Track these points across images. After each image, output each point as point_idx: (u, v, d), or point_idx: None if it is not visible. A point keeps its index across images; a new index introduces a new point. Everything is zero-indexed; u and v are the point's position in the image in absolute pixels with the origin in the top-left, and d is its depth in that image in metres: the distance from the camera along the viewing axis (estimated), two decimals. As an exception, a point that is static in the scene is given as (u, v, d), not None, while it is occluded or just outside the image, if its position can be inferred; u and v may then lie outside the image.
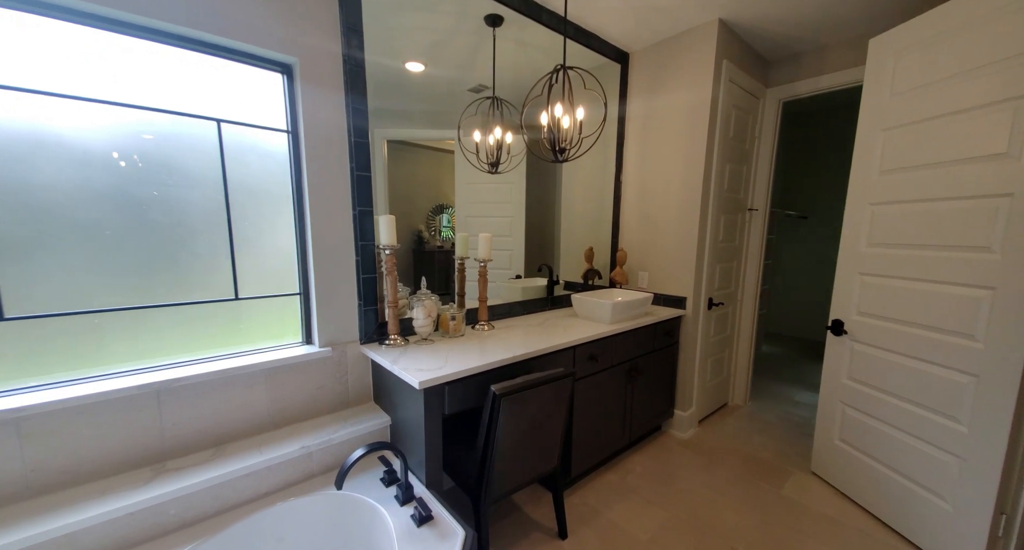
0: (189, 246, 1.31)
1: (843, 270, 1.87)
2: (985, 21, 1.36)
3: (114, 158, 1.18)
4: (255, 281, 1.45)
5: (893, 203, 1.65)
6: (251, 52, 1.32)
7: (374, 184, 1.61)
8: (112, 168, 1.17)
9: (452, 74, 1.91)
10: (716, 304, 2.50)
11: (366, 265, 1.61)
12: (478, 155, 2.06)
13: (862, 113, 1.77)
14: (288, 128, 1.45)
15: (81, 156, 1.13)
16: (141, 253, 1.23)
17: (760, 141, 2.62)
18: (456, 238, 1.96)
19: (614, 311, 2.01)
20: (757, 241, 2.73)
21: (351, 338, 1.61)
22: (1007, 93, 1.31)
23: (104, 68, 1.15)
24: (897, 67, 1.63)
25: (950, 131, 1.46)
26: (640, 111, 2.47)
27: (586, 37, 2.21)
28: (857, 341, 1.81)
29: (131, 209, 1.21)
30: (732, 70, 2.21)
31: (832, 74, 2.29)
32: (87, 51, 1.12)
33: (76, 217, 1.13)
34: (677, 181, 2.31)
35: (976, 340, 1.39)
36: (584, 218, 2.62)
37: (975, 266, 1.39)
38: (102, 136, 1.15)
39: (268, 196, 1.45)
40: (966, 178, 1.41)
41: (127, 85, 1.18)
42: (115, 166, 1.18)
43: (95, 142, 1.15)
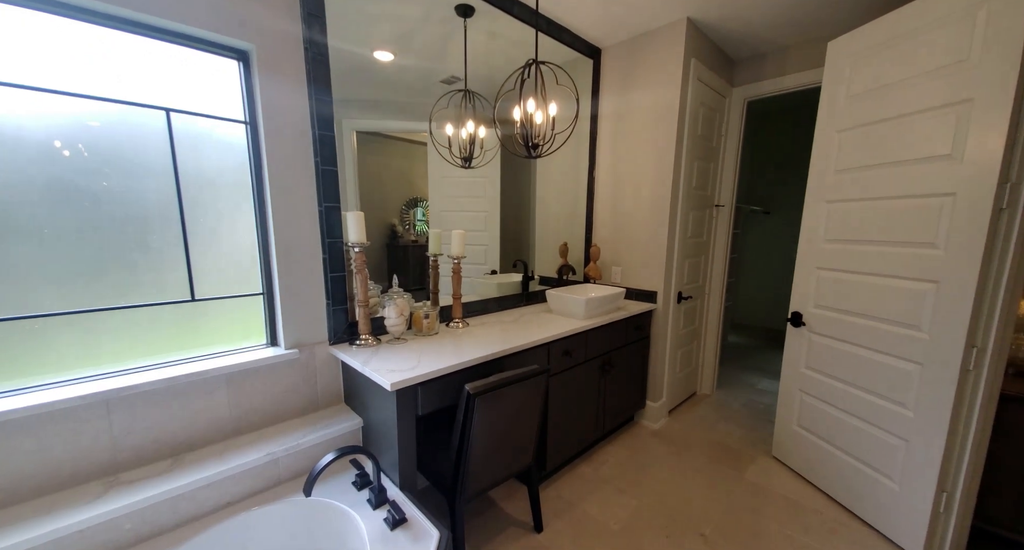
0: (141, 243, 1.23)
1: (802, 265, 1.95)
2: (930, 28, 1.44)
3: (56, 147, 1.08)
4: (215, 280, 1.38)
5: (848, 201, 1.73)
6: (203, 37, 1.23)
7: (342, 178, 1.55)
8: (54, 158, 1.08)
9: (423, 64, 1.86)
10: (685, 298, 2.57)
11: (334, 263, 1.55)
12: (451, 149, 2.02)
13: (820, 114, 1.84)
14: (246, 119, 1.37)
15: (15, 145, 1.02)
16: (88, 251, 1.14)
17: (726, 139, 2.69)
18: (429, 235, 1.92)
19: (587, 307, 2.03)
20: (723, 236, 2.82)
21: (320, 339, 1.56)
22: (950, 98, 1.38)
23: (39, 51, 1.04)
24: (853, 70, 1.70)
25: (900, 133, 1.54)
26: (612, 108, 2.48)
27: (558, 31, 2.20)
28: (815, 332, 1.90)
29: (76, 203, 1.12)
30: (700, 68, 2.25)
31: (794, 75, 2.37)
32: (19, 33, 1.02)
33: (11, 212, 1.03)
34: (648, 178, 2.35)
35: (921, 331, 1.49)
36: (558, 213, 2.63)
37: (921, 261, 1.48)
38: (42, 124, 1.05)
39: (227, 189, 1.37)
40: (914, 178, 1.50)
41: (67, 70, 1.08)
42: (58, 156, 1.08)
43: (33, 130, 1.04)
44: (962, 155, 1.36)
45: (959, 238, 1.37)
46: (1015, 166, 1.29)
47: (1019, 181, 1.29)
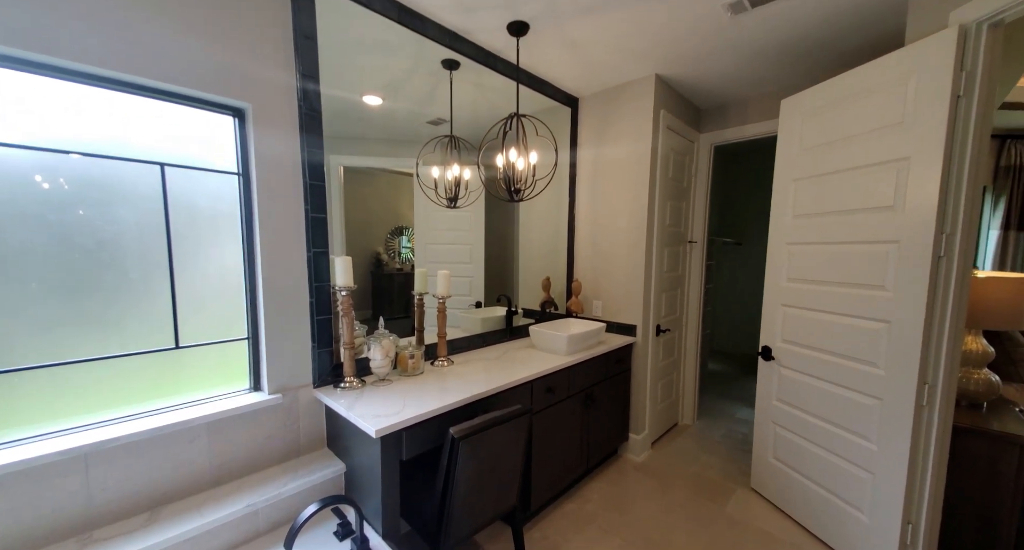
0: (124, 290, 1.24)
1: (768, 301, 2.07)
2: (868, 94, 1.61)
3: (36, 180, 1.08)
4: (199, 326, 1.39)
5: (807, 244, 1.87)
6: (202, 97, 1.29)
7: (329, 210, 1.58)
8: (32, 192, 1.07)
9: (411, 107, 1.95)
10: (663, 330, 2.66)
11: (320, 306, 1.58)
12: (436, 190, 2.10)
13: (777, 164, 2.00)
14: (239, 170, 1.42)
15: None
16: (67, 296, 1.15)
17: (696, 180, 2.87)
18: (415, 274, 1.97)
19: (569, 343, 2.09)
20: (697, 269, 2.95)
21: (303, 382, 1.56)
22: (889, 156, 1.54)
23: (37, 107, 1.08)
24: (804, 126, 1.87)
25: (848, 185, 1.69)
26: (590, 154, 2.63)
27: (539, 83, 2.35)
28: (783, 366, 2.00)
29: (62, 249, 1.13)
30: (669, 118, 2.42)
31: (754, 124, 2.57)
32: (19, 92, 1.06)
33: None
34: (625, 218, 2.47)
35: (878, 367, 1.59)
36: (541, 249, 2.71)
37: (873, 302, 1.60)
38: (22, 154, 1.06)
39: (215, 235, 1.40)
40: (862, 225, 1.64)
41: (59, 124, 1.12)
42: (36, 189, 1.08)
43: (11, 161, 1.04)
44: (903, 207, 1.51)
45: (905, 282, 1.50)
46: (949, 218, 1.43)
47: (953, 232, 1.42)
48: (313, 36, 1.45)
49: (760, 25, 1.78)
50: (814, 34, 1.86)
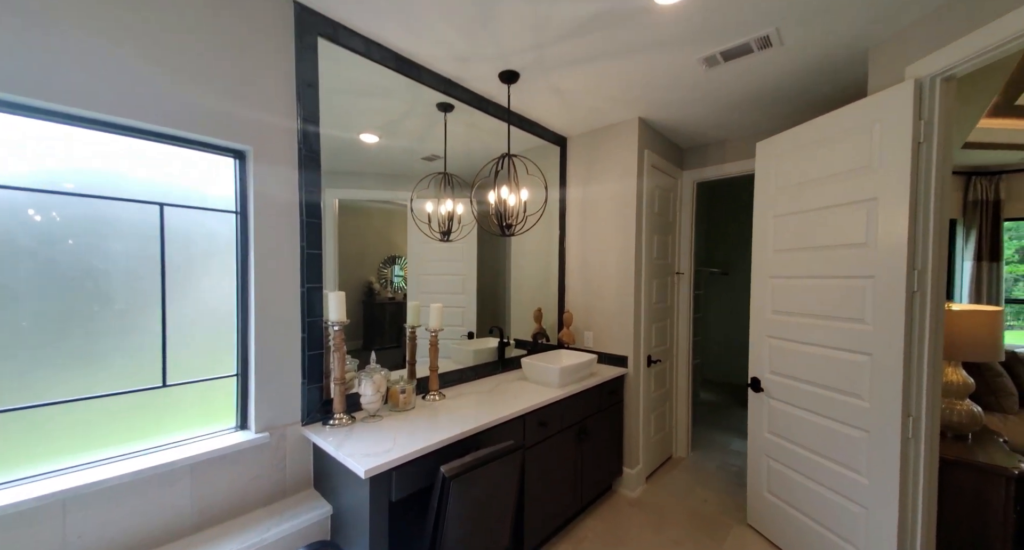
0: (111, 324, 1.23)
1: (754, 333, 2.11)
2: (836, 139, 1.72)
3: (29, 214, 1.09)
4: (186, 362, 1.37)
5: (788, 278, 1.93)
6: (204, 141, 1.34)
7: (323, 245, 1.61)
8: (25, 226, 1.08)
9: (406, 145, 2.02)
10: (654, 361, 2.68)
11: (312, 341, 1.58)
12: (430, 224, 2.15)
13: (756, 201, 2.10)
14: (237, 209, 1.45)
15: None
16: (52, 332, 1.13)
17: (681, 214, 2.98)
18: (408, 307, 1.98)
19: (561, 376, 2.09)
20: (686, 300, 3.01)
21: (292, 419, 1.54)
22: (859, 196, 1.63)
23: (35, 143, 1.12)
24: (779, 167, 1.98)
25: (824, 222, 1.77)
26: (579, 190, 2.73)
27: (529, 125, 2.47)
28: (773, 398, 2.02)
29: (46, 279, 1.12)
30: (653, 157, 2.54)
31: (733, 163, 2.71)
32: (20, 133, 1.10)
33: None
34: (613, 251, 2.54)
35: (863, 399, 1.62)
36: (533, 281, 2.75)
37: (855, 335, 1.65)
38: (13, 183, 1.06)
39: (206, 268, 1.41)
40: (839, 261, 1.71)
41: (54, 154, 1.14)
42: (29, 223, 1.08)
43: (5, 195, 1.05)
44: (875, 244, 1.58)
45: (883, 315, 1.55)
46: (919, 255, 1.50)
47: (924, 268, 1.50)
48: (315, 84, 1.52)
49: (733, 77, 1.92)
50: (783, 85, 2.01)
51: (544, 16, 1.51)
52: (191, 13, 1.27)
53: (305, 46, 1.49)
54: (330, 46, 1.57)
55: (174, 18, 1.24)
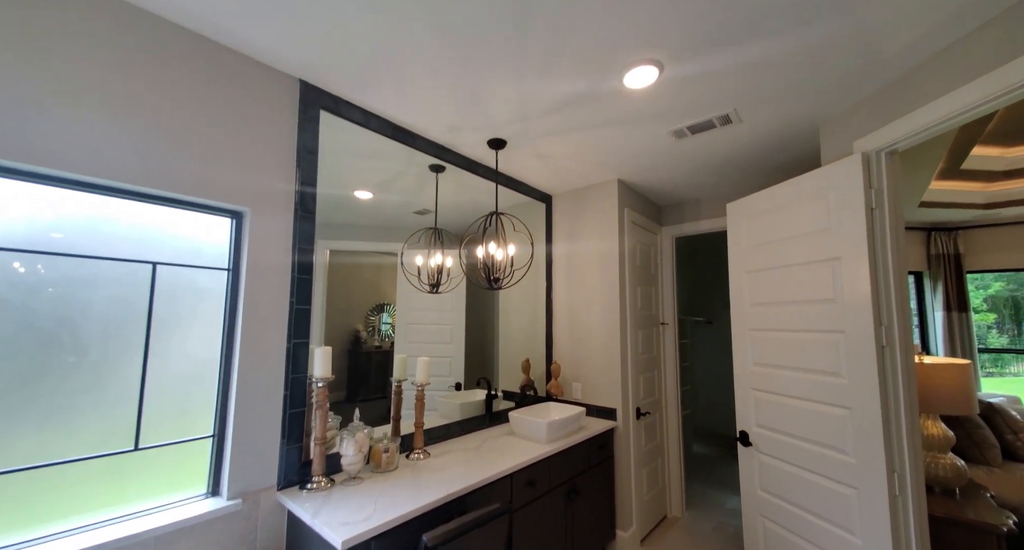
0: (84, 379, 1.20)
1: (739, 385, 2.13)
2: (797, 203, 1.87)
3: (14, 267, 1.09)
4: (161, 421, 1.33)
5: (766, 330, 2.00)
6: (203, 203, 1.40)
7: (312, 298, 1.62)
8: (7, 276, 1.07)
9: (399, 200, 2.10)
10: (644, 413, 2.65)
11: (295, 399, 1.55)
12: (419, 277, 2.20)
13: (730, 257, 2.22)
14: (229, 266, 1.48)
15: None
16: (20, 389, 1.11)
17: (662, 266, 3.09)
18: (395, 361, 1.97)
19: (549, 431, 2.05)
20: (672, 350, 3.04)
21: (267, 483, 1.47)
22: (823, 255, 1.74)
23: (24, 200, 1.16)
24: (749, 226, 2.12)
25: (794, 278, 1.87)
26: (564, 244, 2.86)
27: (515, 184, 2.62)
28: (762, 453, 2.00)
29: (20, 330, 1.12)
30: (633, 214, 2.69)
31: (707, 220, 2.88)
32: (27, 204, 1.14)
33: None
34: (599, 303, 2.61)
35: (848, 455, 1.62)
36: (521, 332, 2.77)
37: (833, 388, 1.68)
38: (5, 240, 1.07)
39: (189, 324, 1.41)
40: (812, 315, 1.79)
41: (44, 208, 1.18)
42: (13, 274, 1.08)
43: None
44: (843, 300, 1.67)
45: (857, 369, 1.60)
46: (884, 311, 1.59)
47: (891, 324, 1.57)
48: (315, 150, 1.63)
49: (701, 147, 2.11)
50: (745, 154, 2.21)
51: (528, 96, 1.67)
52: (198, 89, 1.37)
53: (308, 118, 1.61)
54: (331, 117, 1.70)
55: (183, 94, 1.34)
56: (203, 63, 1.38)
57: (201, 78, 1.37)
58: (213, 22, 1.32)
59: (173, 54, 1.32)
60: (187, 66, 1.34)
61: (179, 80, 1.33)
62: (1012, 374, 4.60)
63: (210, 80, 1.39)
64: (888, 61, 1.48)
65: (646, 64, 1.46)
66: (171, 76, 1.31)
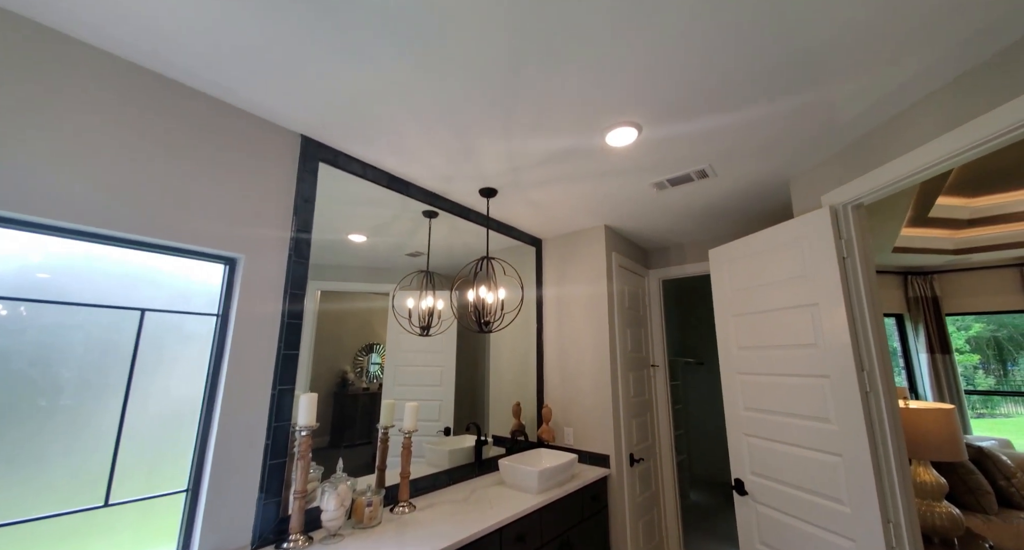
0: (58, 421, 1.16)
1: (731, 431, 2.11)
2: (774, 251, 1.95)
3: None
4: (134, 473, 1.27)
5: (755, 374, 2.01)
6: (197, 250, 1.43)
7: (301, 342, 1.61)
8: None
9: (392, 242, 2.13)
10: (637, 460, 2.59)
11: (276, 449, 1.50)
12: (410, 319, 2.20)
13: (715, 301, 2.27)
14: (219, 312, 1.49)
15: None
16: None
17: (651, 309, 3.14)
18: (382, 406, 1.93)
19: (541, 479, 1.99)
20: (664, 392, 3.02)
21: (241, 542, 1.39)
22: (802, 301, 1.81)
23: (36, 267, 1.17)
24: (731, 271, 2.19)
25: (776, 322, 1.92)
26: (554, 287, 2.91)
27: (506, 228, 2.70)
28: (759, 502, 1.95)
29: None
30: (620, 258, 2.78)
31: (692, 264, 2.98)
32: (24, 252, 1.16)
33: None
34: (589, 345, 2.62)
35: (844, 504, 1.60)
36: (511, 375, 2.74)
37: (823, 434, 1.68)
38: None
39: (173, 368, 1.39)
40: (796, 359, 1.82)
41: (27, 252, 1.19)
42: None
43: None
44: (824, 344, 1.71)
45: (844, 415, 1.61)
46: (864, 356, 1.62)
47: (872, 369, 1.61)
48: (312, 200, 1.69)
49: (681, 197, 2.24)
50: (723, 204, 2.35)
51: (517, 150, 1.78)
52: (200, 143, 1.44)
53: (307, 170, 1.69)
54: (330, 168, 1.78)
55: (184, 148, 1.40)
56: (207, 119, 1.45)
57: (204, 133, 1.44)
58: (223, 85, 1.41)
59: (177, 110, 1.39)
60: (191, 122, 1.42)
61: (181, 135, 1.39)
62: (1003, 415, 4.61)
63: (213, 135, 1.47)
64: (845, 126, 1.62)
65: (626, 125, 1.58)
66: (173, 131, 1.37)
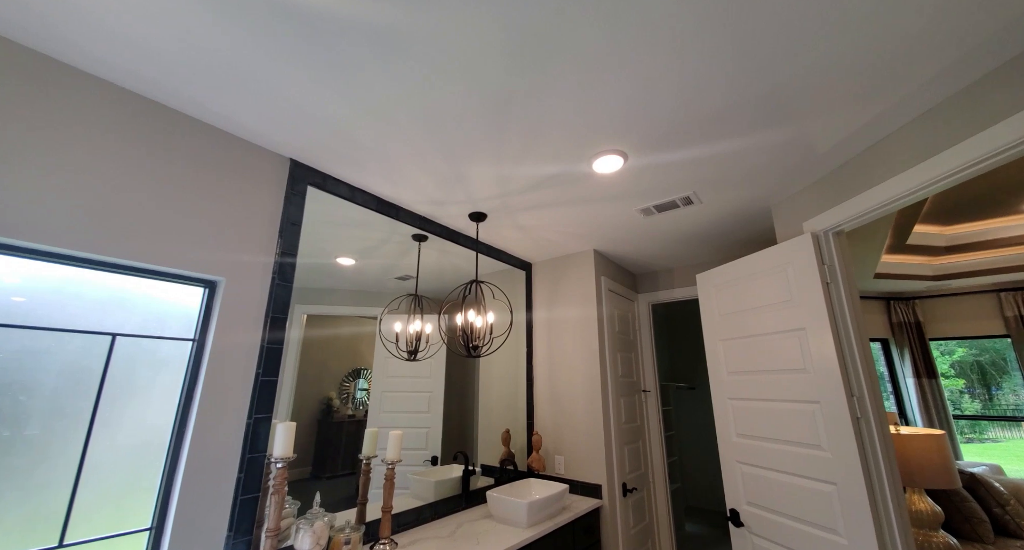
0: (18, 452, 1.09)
1: (724, 459, 2.07)
2: (760, 276, 1.97)
3: None
4: (94, 509, 1.19)
5: (745, 400, 1.99)
6: (175, 273, 1.39)
7: (283, 365, 1.55)
8: None
9: (381, 265, 2.10)
10: (630, 490, 2.51)
11: (249, 482, 1.42)
12: (397, 344, 2.15)
13: (704, 325, 2.27)
14: (195, 336, 1.44)
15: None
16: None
17: (641, 333, 3.13)
18: (365, 435, 1.85)
19: (530, 512, 1.91)
20: (655, 418, 2.96)
21: (206, 587, 1.29)
22: (789, 326, 1.81)
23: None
24: (718, 296, 2.20)
25: (764, 347, 1.92)
26: (544, 312, 2.89)
27: (496, 252, 2.71)
28: (755, 534, 1.89)
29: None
30: (610, 282, 2.79)
31: (680, 289, 3.01)
32: (-9, 274, 1.11)
33: None
34: (579, 370, 2.58)
35: (840, 535, 1.55)
36: (501, 401, 2.68)
37: (816, 462, 1.65)
38: None
39: (146, 396, 1.32)
40: (786, 385, 1.80)
41: (23, 304, 1.14)
42: None
43: None
44: (813, 369, 1.70)
45: (836, 441, 1.59)
46: (853, 381, 1.62)
47: (862, 394, 1.60)
48: (299, 222, 1.67)
49: (667, 223, 2.28)
50: (708, 230, 2.39)
51: (507, 176, 1.80)
52: (186, 166, 1.42)
53: (295, 193, 1.68)
54: (318, 192, 1.78)
55: (168, 171, 1.38)
56: (191, 141, 1.44)
57: (187, 155, 1.43)
58: (207, 107, 1.40)
59: (161, 132, 1.38)
60: (174, 143, 1.40)
61: (164, 156, 1.37)
62: (991, 439, 4.60)
63: (197, 157, 1.45)
64: (824, 155, 1.68)
65: (612, 153, 1.61)
66: (156, 152, 1.36)
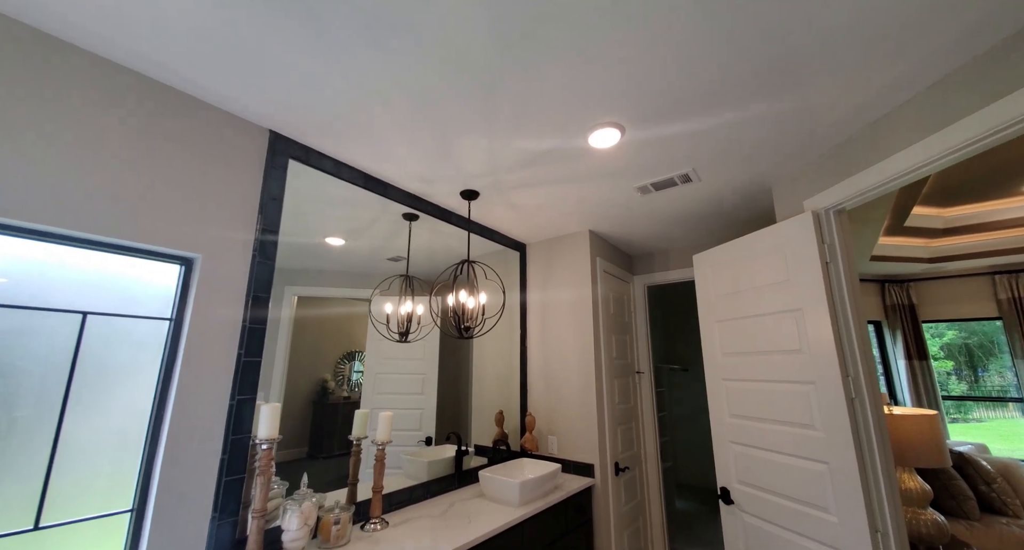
0: None
1: (717, 438, 2.07)
2: (758, 256, 1.93)
3: None
4: (74, 492, 1.15)
5: (739, 380, 1.98)
6: (151, 250, 1.32)
7: (276, 343, 1.50)
8: None
9: (371, 245, 2.04)
10: (623, 469, 2.52)
11: (233, 464, 1.39)
12: (388, 325, 2.11)
13: (699, 306, 2.24)
14: (172, 316, 1.38)
15: None
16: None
17: (635, 315, 3.11)
18: (355, 416, 1.83)
19: (522, 491, 1.91)
20: (649, 399, 2.97)
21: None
22: (786, 306, 1.78)
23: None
24: (715, 277, 2.17)
25: (760, 328, 1.89)
26: (538, 293, 2.85)
27: (489, 232, 2.64)
28: (745, 512, 1.90)
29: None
30: (605, 264, 2.74)
31: (676, 270, 2.96)
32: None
33: None
34: (574, 351, 2.56)
35: (830, 513, 1.56)
36: (495, 382, 2.66)
37: (808, 441, 1.65)
38: None
39: (122, 376, 1.27)
40: (781, 365, 1.78)
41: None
42: None
43: None
44: (809, 350, 1.68)
45: (830, 421, 1.58)
46: (849, 362, 1.60)
47: (857, 374, 1.58)
48: (280, 197, 1.60)
49: (665, 202, 2.21)
50: (706, 209, 2.33)
51: (498, 151, 1.72)
52: (159, 137, 1.34)
53: (275, 166, 1.59)
54: (301, 166, 1.69)
55: (141, 141, 1.31)
56: (165, 110, 1.36)
57: (162, 125, 1.35)
58: (182, 75, 1.32)
59: (132, 100, 1.30)
60: (147, 113, 1.32)
61: (136, 126, 1.30)
62: (975, 420, 4.70)
63: (172, 128, 1.37)
64: (827, 131, 1.61)
65: (609, 126, 1.54)
66: (127, 122, 1.28)
